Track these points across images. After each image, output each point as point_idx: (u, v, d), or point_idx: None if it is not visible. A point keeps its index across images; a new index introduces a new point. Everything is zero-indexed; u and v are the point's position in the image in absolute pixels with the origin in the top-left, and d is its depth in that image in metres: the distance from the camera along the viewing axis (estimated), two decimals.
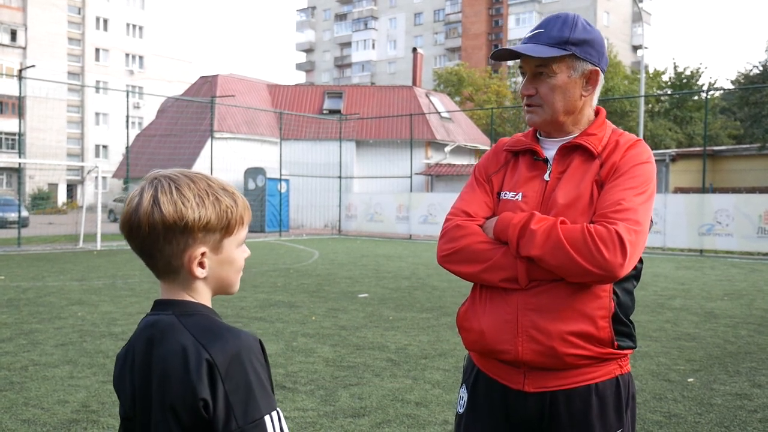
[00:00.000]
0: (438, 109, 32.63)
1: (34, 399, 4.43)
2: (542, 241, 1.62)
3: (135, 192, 1.23)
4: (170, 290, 1.27)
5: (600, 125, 1.82)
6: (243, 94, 30.20)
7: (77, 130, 62.62)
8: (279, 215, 25.03)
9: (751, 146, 31.23)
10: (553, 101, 1.76)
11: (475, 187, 1.88)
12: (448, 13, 73.78)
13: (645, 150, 1.77)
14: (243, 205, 1.28)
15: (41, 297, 8.82)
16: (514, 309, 1.69)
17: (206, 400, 1.14)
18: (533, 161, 1.83)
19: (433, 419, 4.13)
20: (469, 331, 1.79)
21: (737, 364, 5.56)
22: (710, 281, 11.34)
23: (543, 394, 1.71)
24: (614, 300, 1.69)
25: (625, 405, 1.73)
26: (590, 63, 1.76)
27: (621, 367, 1.74)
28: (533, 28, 1.80)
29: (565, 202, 1.70)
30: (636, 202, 1.64)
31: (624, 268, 1.59)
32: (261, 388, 1.17)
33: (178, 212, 1.19)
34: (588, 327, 1.66)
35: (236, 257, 1.29)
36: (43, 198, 41.04)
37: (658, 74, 44.32)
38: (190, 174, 1.25)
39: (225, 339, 1.18)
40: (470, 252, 1.74)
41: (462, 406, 1.86)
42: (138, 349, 1.24)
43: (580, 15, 1.80)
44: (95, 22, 63.50)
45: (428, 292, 9.48)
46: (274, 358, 5.60)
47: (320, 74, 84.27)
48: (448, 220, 1.84)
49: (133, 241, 1.23)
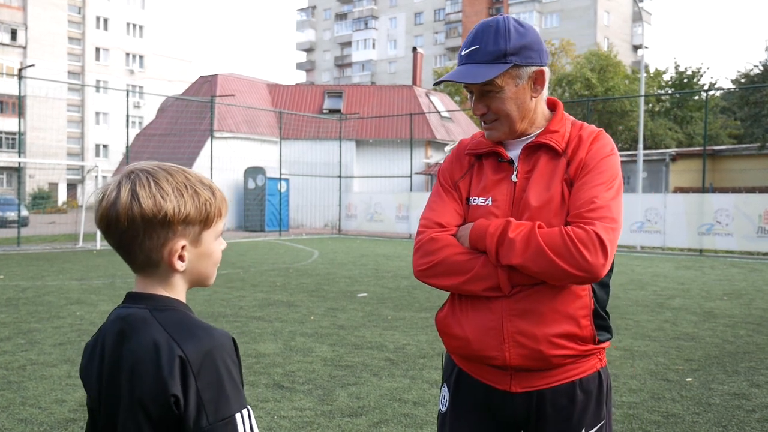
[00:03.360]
0: (438, 108, 32.61)
1: (32, 398, 4.43)
2: (522, 248, 1.62)
3: (111, 186, 1.20)
4: (145, 284, 1.25)
5: (560, 120, 1.81)
6: (243, 94, 30.19)
7: (77, 129, 62.63)
8: (279, 215, 25.03)
9: (751, 146, 31.23)
10: (507, 113, 1.75)
11: (443, 195, 1.85)
12: (448, 12, 73.74)
13: (608, 142, 1.77)
14: (220, 197, 1.28)
15: (40, 296, 8.82)
16: (498, 316, 1.69)
17: (177, 396, 1.14)
18: (498, 163, 1.81)
19: (430, 419, 4.13)
20: (452, 337, 1.79)
21: (736, 364, 5.56)
22: (710, 281, 11.33)
23: (529, 394, 1.72)
24: (593, 297, 1.71)
25: (606, 397, 1.77)
26: (533, 65, 1.74)
27: (601, 361, 1.77)
28: (467, 43, 1.75)
29: (537, 204, 1.70)
30: (607, 198, 1.65)
31: (605, 267, 1.60)
32: (233, 385, 1.17)
33: (158, 205, 1.18)
34: (572, 327, 1.67)
35: (214, 250, 1.29)
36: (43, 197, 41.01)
37: (659, 74, 44.30)
38: (167, 167, 1.24)
39: (198, 336, 1.18)
40: (449, 264, 1.73)
41: (444, 405, 1.86)
42: (108, 341, 1.23)
43: (508, 16, 1.77)
44: (95, 22, 63.49)
45: (427, 292, 9.48)
46: (272, 357, 5.60)
47: (320, 74, 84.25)
48: (421, 232, 1.81)
49: (111, 236, 1.21)
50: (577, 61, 47.00)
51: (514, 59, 1.70)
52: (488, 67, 1.70)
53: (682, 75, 41.70)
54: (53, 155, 52.34)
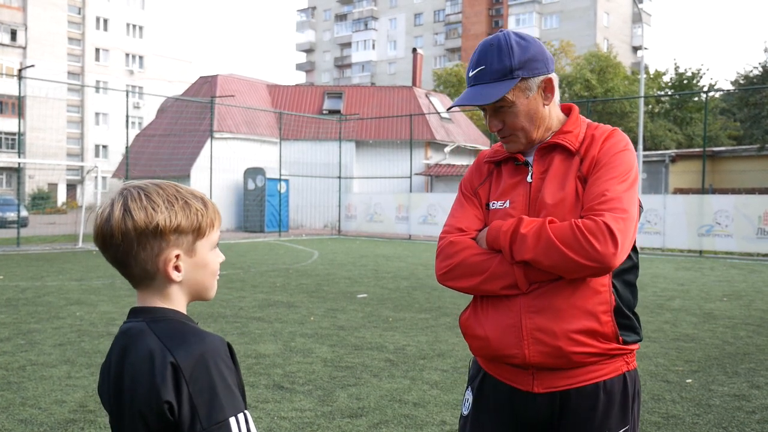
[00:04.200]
0: (438, 109, 32.62)
1: (32, 399, 4.43)
2: (533, 243, 1.63)
3: (106, 204, 1.26)
4: (145, 297, 1.28)
5: (574, 122, 1.83)
6: (243, 94, 30.19)
7: (77, 129, 62.61)
8: (278, 215, 25.02)
9: (751, 147, 31.26)
10: (522, 126, 1.78)
11: (463, 203, 1.89)
12: (448, 13, 73.79)
13: (622, 138, 1.78)
14: (213, 208, 1.31)
15: (40, 297, 8.82)
16: (517, 313, 1.69)
17: (171, 402, 1.15)
18: (515, 167, 1.84)
19: (430, 420, 4.13)
20: (474, 338, 1.80)
21: (736, 365, 5.56)
22: (709, 282, 11.34)
23: (553, 395, 1.71)
24: (614, 293, 1.70)
25: (632, 402, 1.75)
26: (540, 75, 1.76)
27: (628, 364, 1.76)
28: (472, 63, 1.78)
29: (553, 202, 1.71)
30: (619, 191, 1.66)
31: (617, 257, 1.59)
32: (226, 390, 1.18)
33: (149, 217, 1.21)
34: (591, 323, 1.66)
35: (210, 260, 1.31)
36: (43, 198, 41.00)
37: (659, 75, 44.33)
38: (158, 182, 1.28)
39: (189, 342, 1.20)
40: (467, 266, 1.75)
41: (467, 408, 1.87)
42: (113, 359, 1.26)
43: (508, 31, 1.78)
44: (95, 22, 63.49)
45: (427, 293, 9.48)
46: (272, 358, 5.60)
47: (320, 74, 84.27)
48: (442, 238, 1.85)
49: (108, 251, 1.25)
50: (576, 62, 47.04)
51: (520, 73, 1.73)
52: (497, 86, 1.73)
53: (682, 76, 41.73)
54: (53, 156, 52.32)
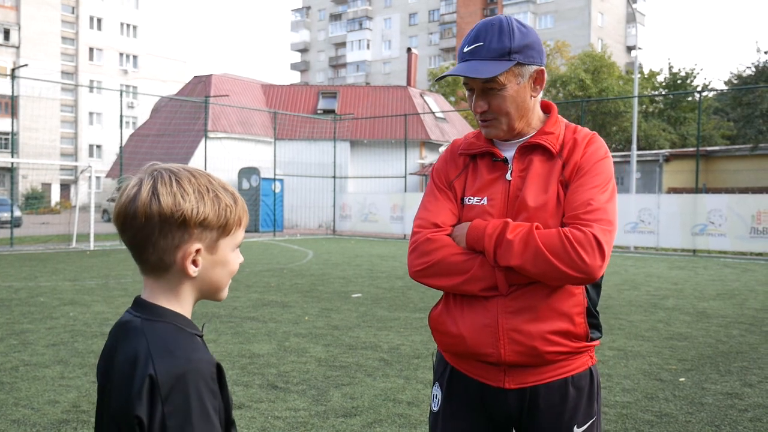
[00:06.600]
0: (432, 109, 32.65)
1: (25, 399, 4.41)
2: (521, 250, 1.63)
3: (132, 183, 1.17)
4: (152, 290, 1.21)
5: (554, 123, 1.83)
6: (237, 94, 30.17)
7: (71, 129, 62.40)
8: (273, 215, 25.00)
9: (744, 147, 31.39)
10: (507, 112, 1.76)
11: (437, 195, 1.86)
12: (443, 13, 73.81)
13: (602, 145, 1.79)
14: (242, 206, 1.24)
15: (33, 297, 8.79)
16: (494, 314, 1.70)
17: (141, 418, 1.06)
18: (492, 163, 1.83)
19: (424, 419, 4.12)
20: (445, 334, 1.79)
21: (729, 364, 5.58)
22: (703, 281, 11.38)
23: (523, 390, 1.74)
24: (586, 296, 1.74)
25: (597, 394, 1.80)
26: (534, 65, 1.76)
27: (591, 358, 1.80)
28: (469, 39, 1.76)
29: (535, 205, 1.72)
30: (603, 201, 1.68)
31: (602, 269, 1.63)
32: (202, 417, 1.08)
33: (177, 204, 1.14)
34: (566, 324, 1.70)
35: (231, 260, 1.25)
36: (36, 198, 40.85)
37: (653, 75, 44.44)
38: (191, 169, 1.21)
39: (175, 356, 1.11)
40: (446, 265, 1.73)
41: (437, 404, 1.87)
42: (105, 352, 1.21)
43: (510, 16, 1.78)
44: (89, 22, 63.27)
45: (421, 292, 9.48)
46: (266, 357, 5.60)
47: (315, 74, 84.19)
48: (417, 232, 1.81)
49: (127, 232, 1.17)
50: (571, 62, 47.11)
51: (517, 57, 1.72)
52: (493, 64, 1.71)
53: (676, 76, 41.85)
54: (46, 155, 52.13)
